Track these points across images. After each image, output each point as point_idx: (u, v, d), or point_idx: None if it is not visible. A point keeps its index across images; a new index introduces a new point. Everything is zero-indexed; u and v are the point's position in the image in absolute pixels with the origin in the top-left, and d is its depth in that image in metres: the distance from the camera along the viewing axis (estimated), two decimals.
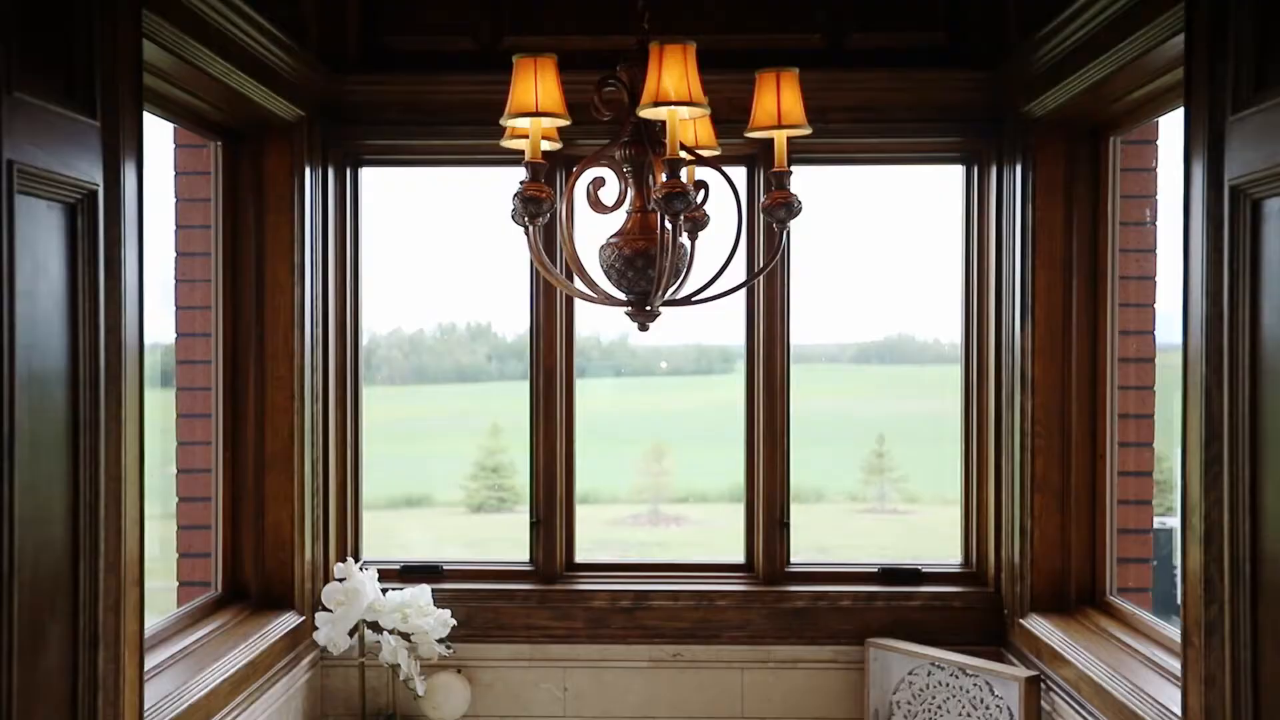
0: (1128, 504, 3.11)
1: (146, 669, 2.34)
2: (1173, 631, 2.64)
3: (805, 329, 3.36)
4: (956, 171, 3.44)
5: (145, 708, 2.22)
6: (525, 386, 3.39)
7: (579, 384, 3.44)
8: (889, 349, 3.54)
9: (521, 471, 3.43)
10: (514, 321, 3.41)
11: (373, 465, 3.45)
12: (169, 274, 3.24)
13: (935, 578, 3.42)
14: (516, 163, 2.40)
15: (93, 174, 1.86)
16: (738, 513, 3.51)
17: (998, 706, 3.03)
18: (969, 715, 3.09)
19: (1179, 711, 2.18)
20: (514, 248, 3.39)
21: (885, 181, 3.60)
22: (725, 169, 2.47)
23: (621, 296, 2.52)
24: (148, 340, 2.15)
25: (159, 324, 3.22)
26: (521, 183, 2.31)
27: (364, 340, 3.45)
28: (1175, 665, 2.46)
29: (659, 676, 3.36)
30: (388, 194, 3.51)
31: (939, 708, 3.15)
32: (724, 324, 3.48)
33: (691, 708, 3.35)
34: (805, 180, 3.37)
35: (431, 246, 3.51)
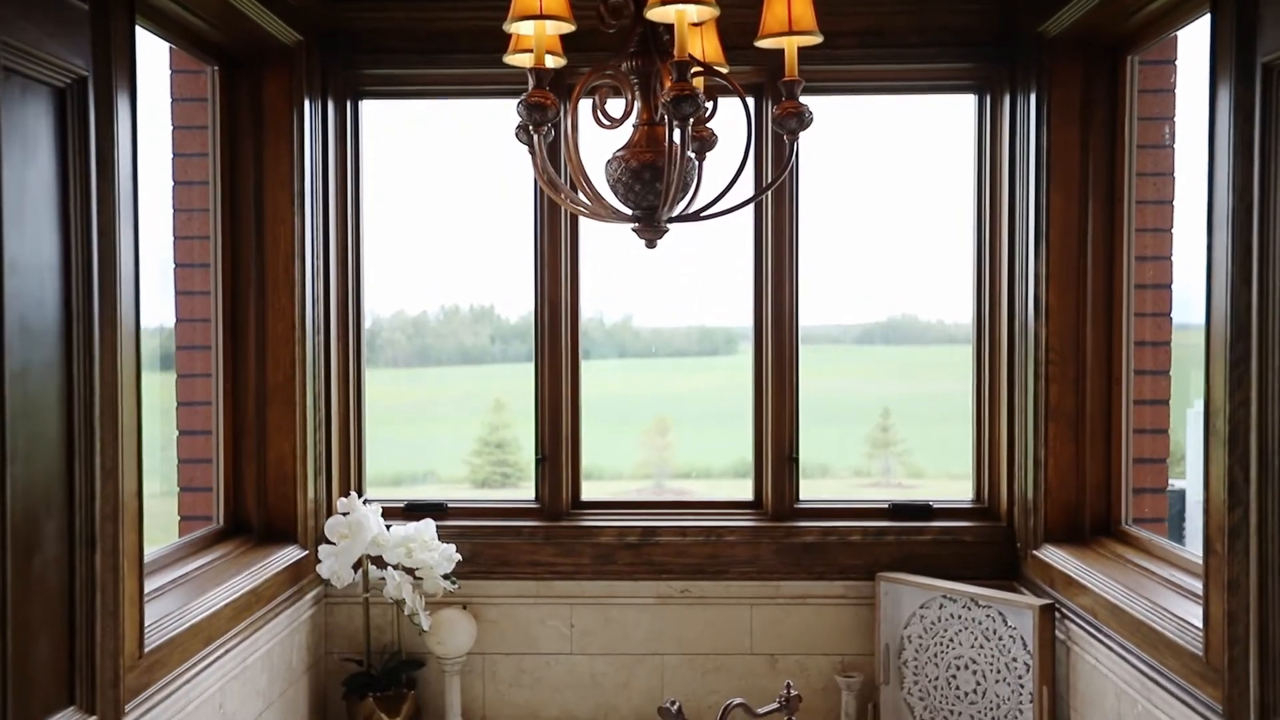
0: (1144, 433, 3.05)
1: (146, 591, 2.29)
2: (1192, 553, 2.59)
3: (807, 310, 3.35)
4: (966, 125, 3.36)
5: (146, 624, 2.18)
6: (528, 368, 3.36)
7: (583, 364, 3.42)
8: (892, 330, 3.53)
9: (525, 448, 3.44)
10: (517, 303, 3.44)
11: (377, 445, 3.43)
12: (166, 202, 3.18)
13: (946, 513, 3.38)
14: (519, 91, 2.33)
15: (82, 60, 1.79)
16: (743, 488, 3.47)
17: (1011, 637, 2.98)
18: (982, 647, 3.04)
19: (1200, 623, 2.14)
20: (516, 227, 3.37)
21: (893, 134, 3.50)
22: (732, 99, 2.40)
23: (628, 212, 2.47)
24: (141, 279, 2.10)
25: (155, 257, 3.16)
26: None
27: (367, 323, 3.42)
28: (1195, 584, 2.41)
29: (666, 613, 3.32)
30: (388, 137, 3.45)
31: (951, 640, 3.10)
32: (728, 306, 3.49)
33: (700, 644, 3.32)
34: (814, 124, 3.32)
35: (433, 214, 3.48)
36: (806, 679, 3.28)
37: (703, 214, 2.50)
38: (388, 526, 3.18)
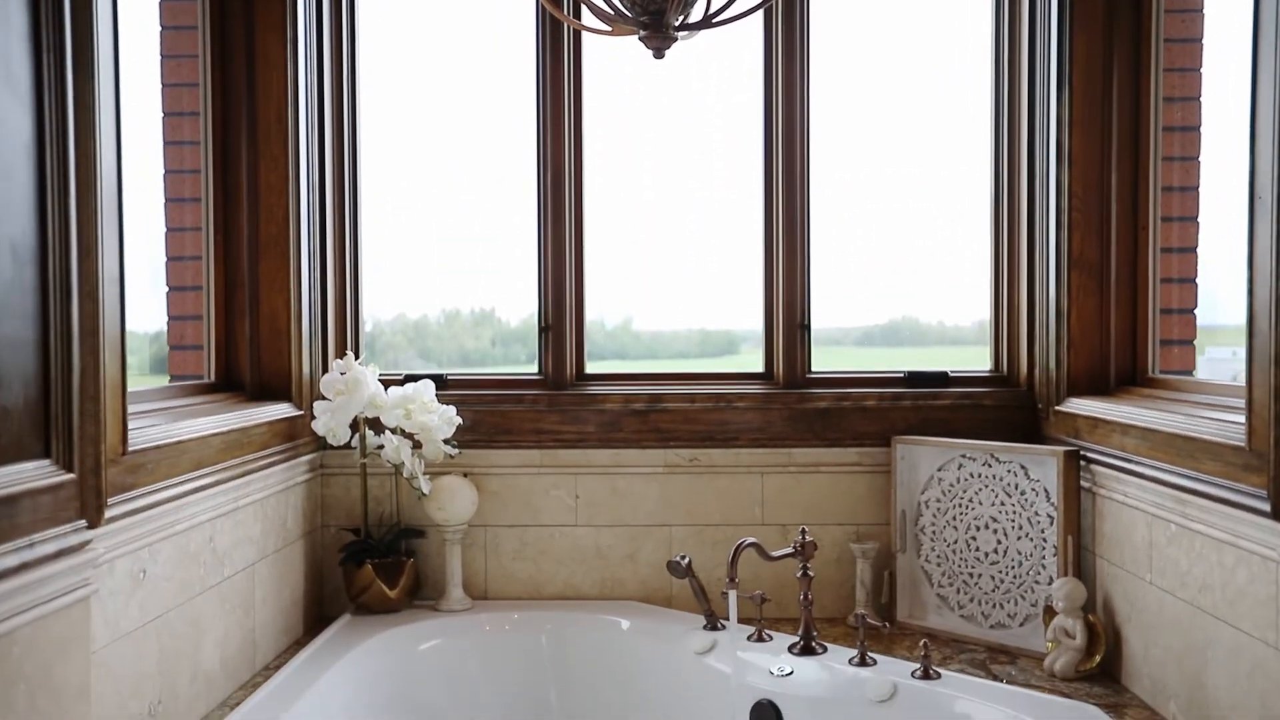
0: (1170, 282, 2.93)
1: (130, 413, 2.17)
2: (1227, 381, 2.48)
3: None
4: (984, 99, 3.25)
5: (130, 427, 2.07)
6: (529, 369, 3.35)
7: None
8: (893, 332, 3.48)
9: None
10: (517, 307, 3.47)
11: None
12: (154, 50, 3.06)
13: (964, 381, 3.26)
14: None
15: None
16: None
17: (1034, 490, 2.87)
18: (1003, 504, 2.93)
19: (1242, 419, 2.02)
20: (516, 231, 3.32)
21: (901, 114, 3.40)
22: None
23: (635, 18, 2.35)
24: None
25: (139, 103, 3.03)
26: None
27: (367, 326, 3.36)
28: (1232, 401, 2.30)
29: (674, 482, 3.21)
30: (388, 88, 3.36)
31: (970, 500, 2.99)
32: (728, 309, 3.46)
33: (709, 515, 3.20)
34: (822, 114, 3.24)
35: (435, 219, 3.44)
36: (820, 548, 3.16)
37: (714, 20, 2.39)
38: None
